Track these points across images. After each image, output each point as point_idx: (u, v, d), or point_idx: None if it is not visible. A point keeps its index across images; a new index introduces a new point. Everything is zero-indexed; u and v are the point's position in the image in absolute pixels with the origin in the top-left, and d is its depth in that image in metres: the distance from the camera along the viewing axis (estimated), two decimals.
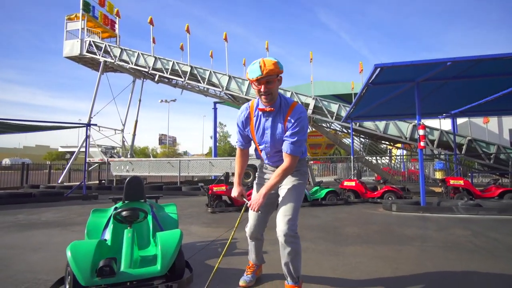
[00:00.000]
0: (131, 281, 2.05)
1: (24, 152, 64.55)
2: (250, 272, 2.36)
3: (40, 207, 7.15)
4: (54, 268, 2.75)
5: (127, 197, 2.93)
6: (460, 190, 7.13)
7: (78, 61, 16.46)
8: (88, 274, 1.93)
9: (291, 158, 1.94)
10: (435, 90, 7.23)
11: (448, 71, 5.53)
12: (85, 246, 2.10)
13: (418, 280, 2.41)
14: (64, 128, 10.09)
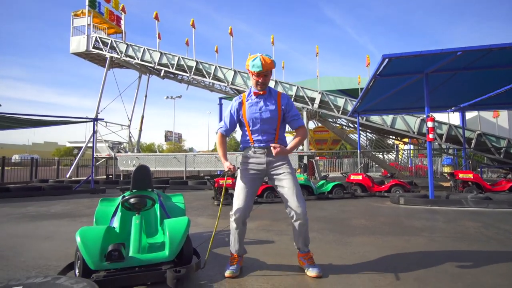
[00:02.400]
0: (139, 266, 2.06)
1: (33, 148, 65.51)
2: (235, 263, 2.34)
3: (49, 200, 7.25)
4: (64, 255, 2.78)
5: (135, 186, 2.94)
6: (469, 184, 7.03)
7: (85, 57, 16.58)
8: (97, 258, 1.95)
9: (304, 127, 2.45)
10: (444, 82, 7.11)
11: (458, 62, 5.42)
12: (94, 231, 2.12)
13: (427, 269, 2.38)
14: (72, 123, 10.18)
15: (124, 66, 16.78)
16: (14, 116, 8.52)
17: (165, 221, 2.39)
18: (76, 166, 15.27)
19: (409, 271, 2.32)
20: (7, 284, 1.36)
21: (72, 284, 1.33)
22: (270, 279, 2.18)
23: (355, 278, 2.18)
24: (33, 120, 9.42)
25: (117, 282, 1.92)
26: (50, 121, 9.80)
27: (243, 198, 2.31)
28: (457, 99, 8.91)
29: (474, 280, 2.15)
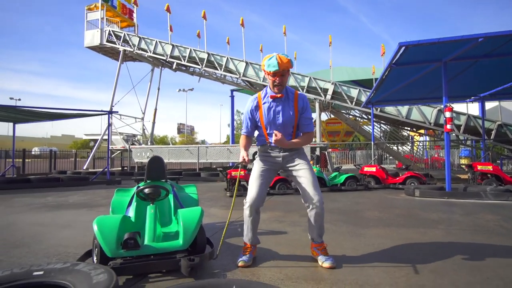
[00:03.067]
0: (154, 254, 2.11)
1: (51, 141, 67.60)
2: (247, 252, 2.34)
3: (68, 191, 7.48)
4: (82, 243, 2.87)
5: (149, 177, 2.99)
6: (488, 176, 6.81)
7: (99, 50, 16.82)
8: (114, 246, 1.99)
9: (312, 134, 2.44)
10: (463, 71, 6.85)
11: (479, 49, 5.20)
12: (111, 220, 2.17)
13: (444, 261, 2.33)
14: (88, 116, 10.41)
15: (137, 59, 16.94)
16: (32, 109, 8.79)
17: (179, 211, 2.43)
18: (92, 158, 15.66)
19: (425, 263, 2.28)
20: (29, 269, 1.41)
21: (90, 270, 1.36)
22: (283, 269, 2.18)
23: (370, 270, 2.16)
24: (51, 113, 9.69)
25: (133, 269, 1.98)
26: (67, 114, 10.06)
27: (256, 187, 2.32)
28: (477, 89, 8.58)
29: (493, 273, 2.09)
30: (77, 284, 1.29)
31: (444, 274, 2.07)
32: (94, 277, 1.31)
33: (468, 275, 2.06)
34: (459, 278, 2.01)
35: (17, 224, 3.80)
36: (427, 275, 2.07)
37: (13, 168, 10.96)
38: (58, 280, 1.34)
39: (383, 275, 2.07)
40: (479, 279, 2.00)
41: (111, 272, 1.35)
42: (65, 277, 1.35)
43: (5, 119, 10.74)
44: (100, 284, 1.24)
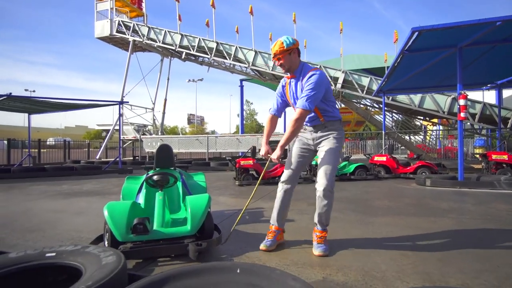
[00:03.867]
0: (163, 239, 2.15)
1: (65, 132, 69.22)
2: (271, 237, 2.36)
3: (82, 179, 7.68)
4: (94, 228, 2.96)
5: (158, 164, 3.04)
6: (503, 166, 6.64)
7: (109, 41, 16.93)
8: (124, 231, 2.05)
9: (299, 111, 2.23)
10: (479, 57, 6.60)
11: (496, 33, 4.98)
12: (120, 206, 2.23)
13: (453, 250, 2.30)
14: (99, 106, 10.58)
15: (146, 49, 17.00)
16: (46, 100, 8.98)
17: (187, 197, 2.47)
18: (105, 148, 15.99)
19: (433, 252, 2.26)
20: (42, 251, 1.46)
21: (100, 253, 1.41)
22: (289, 256, 2.20)
23: (376, 257, 2.15)
24: (64, 104, 9.89)
25: (142, 253, 2.04)
26: (79, 105, 10.25)
27: (291, 169, 2.39)
28: (494, 75, 8.29)
29: (503, 261, 2.06)
30: (87, 265, 1.33)
31: (452, 262, 2.05)
32: (103, 258, 1.35)
33: (477, 263, 2.03)
34: (467, 266, 1.99)
35: (33, 210, 3.94)
36: (435, 263, 2.05)
37: (29, 157, 11.29)
38: (69, 261, 1.39)
39: (389, 262, 2.06)
40: (488, 267, 1.97)
41: (120, 254, 1.39)
42: (76, 258, 1.40)
43: (21, 110, 11.02)
44: (109, 265, 1.28)
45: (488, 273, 1.89)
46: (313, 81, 2.21)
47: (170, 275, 1.17)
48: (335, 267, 1.97)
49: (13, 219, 3.44)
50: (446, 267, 1.98)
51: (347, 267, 1.98)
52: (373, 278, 1.80)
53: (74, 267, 1.37)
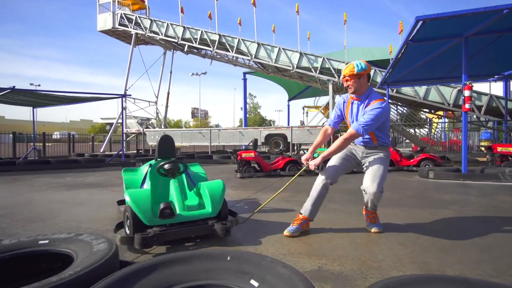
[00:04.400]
0: (187, 221, 2.24)
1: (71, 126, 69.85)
2: (296, 224, 2.47)
3: (85, 172, 7.74)
4: (95, 219, 2.98)
5: (160, 155, 3.04)
6: (509, 158, 6.54)
7: (112, 34, 16.89)
8: (151, 215, 2.11)
9: (352, 132, 2.39)
10: (485, 47, 6.46)
11: (503, 22, 4.85)
12: (142, 192, 2.28)
13: (454, 240, 2.27)
14: (102, 99, 10.60)
15: (149, 42, 16.93)
16: (49, 93, 9.01)
17: (201, 184, 2.56)
18: (109, 141, 16.08)
19: (433, 242, 2.24)
20: (35, 238, 1.46)
21: (92, 240, 1.41)
22: (286, 245, 2.19)
23: (374, 247, 2.13)
24: (67, 97, 9.92)
25: (172, 235, 2.11)
26: (82, 98, 10.27)
27: (334, 164, 2.54)
28: (500, 66, 8.11)
29: (503, 252, 2.02)
30: (78, 252, 1.33)
31: (452, 253, 2.03)
32: (95, 246, 1.35)
33: (477, 254, 2.01)
34: (467, 256, 1.96)
35: (35, 201, 3.98)
36: (434, 253, 2.03)
37: (34, 150, 11.40)
38: (62, 248, 1.39)
39: (387, 252, 2.04)
40: (487, 257, 1.94)
41: (112, 241, 1.39)
42: (69, 246, 1.40)
43: (25, 103, 11.09)
44: (100, 252, 1.27)
45: (487, 263, 1.86)
46: (375, 113, 2.35)
47: (159, 262, 1.16)
48: (331, 257, 1.96)
49: (15, 209, 3.48)
50: (445, 257, 1.95)
51: (344, 256, 1.96)
52: (369, 268, 1.78)
53: (67, 254, 1.37)
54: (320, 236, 2.38)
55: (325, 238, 2.35)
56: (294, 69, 12.87)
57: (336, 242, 2.25)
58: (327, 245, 2.18)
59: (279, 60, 13.02)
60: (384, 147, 2.55)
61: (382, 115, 2.36)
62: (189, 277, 1.13)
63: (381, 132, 2.51)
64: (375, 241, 2.27)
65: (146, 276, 1.09)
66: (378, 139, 2.51)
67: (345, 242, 2.25)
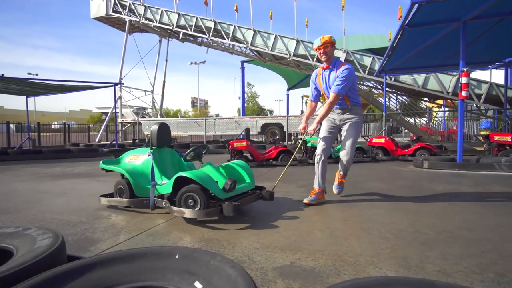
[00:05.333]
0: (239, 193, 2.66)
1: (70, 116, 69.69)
2: (313, 195, 3.03)
3: (77, 162, 7.65)
4: (73, 210, 2.89)
5: (159, 143, 3.02)
6: (506, 147, 6.41)
7: (106, 21, 16.53)
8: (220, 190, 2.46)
9: (333, 95, 2.90)
10: (484, 32, 6.23)
11: (505, 4, 4.63)
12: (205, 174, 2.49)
13: (439, 233, 2.17)
14: (94, 88, 10.42)
15: (144, 30, 16.58)
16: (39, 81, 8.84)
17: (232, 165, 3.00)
18: (105, 131, 15.94)
19: (416, 235, 2.13)
20: None
21: (38, 235, 1.30)
22: (261, 238, 2.09)
23: (353, 241, 2.03)
24: (59, 86, 9.73)
25: (242, 204, 2.49)
26: (74, 86, 10.09)
27: (324, 142, 3.09)
28: (501, 53, 7.88)
29: (490, 247, 1.92)
30: (19, 248, 1.22)
31: (435, 247, 1.92)
32: (38, 241, 1.24)
33: (462, 248, 1.90)
34: (451, 251, 1.86)
35: (16, 191, 3.88)
36: (416, 247, 1.92)
37: (29, 140, 11.29)
38: (4, 244, 1.28)
39: (367, 246, 1.94)
40: (472, 252, 1.84)
41: (58, 235, 1.28)
42: (12, 241, 1.30)
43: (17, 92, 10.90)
44: (40, 248, 1.17)
45: (470, 258, 1.76)
46: (346, 73, 2.85)
47: (97, 261, 1.05)
48: (306, 251, 1.85)
49: None
50: (427, 252, 1.85)
51: (320, 251, 1.86)
52: (344, 263, 1.68)
53: (7, 250, 1.26)
54: (299, 229, 2.28)
55: (305, 230, 2.25)
56: (290, 57, 12.60)
57: (315, 235, 2.15)
58: (305, 238, 2.08)
59: (276, 48, 12.73)
60: (357, 106, 3.05)
61: (351, 74, 2.88)
62: (129, 277, 1.02)
63: (351, 93, 2.99)
64: (356, 234, 2.16)
65: (79, 277, 0.98)
66: (350, 100, 3.01)
67: (324, 235, 2.15)
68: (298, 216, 2.64)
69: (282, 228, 2.30)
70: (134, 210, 2.86)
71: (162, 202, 2.56)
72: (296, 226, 2.36)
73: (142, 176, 2.88)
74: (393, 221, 2.48)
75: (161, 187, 2.68)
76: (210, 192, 2.42)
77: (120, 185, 2.92)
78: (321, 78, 3.04)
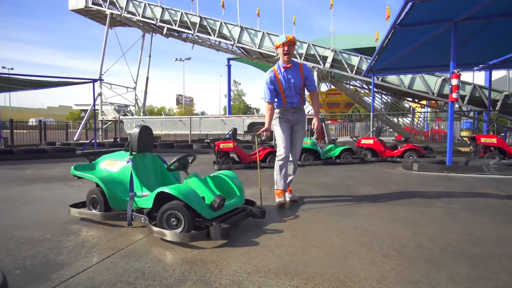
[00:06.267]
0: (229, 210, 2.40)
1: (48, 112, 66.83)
2: (281, 195, 3.13)
3: (51, 163, 7.17)
4: (38, 223, 2.57)
5: (140, 148, 2.68)
6: (491, 149, 6.44)
7: (85, 14, 15.76)
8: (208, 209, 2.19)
9: (316, 91, 3.27)
10: (472, 35, 6.22)
11: (495, 5, 4.58)
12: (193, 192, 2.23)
13: (443, 248, 2.01)
14: (72, 84, 9.85)
15: (126, 24, 15.95)
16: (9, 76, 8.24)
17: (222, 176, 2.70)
18: (84, 128, 15.25)
19: (420, 251, 1.96)
20: None
21: None
22: (253, 259, 1.86)
23: (355, 260, 1.83)
24: (35, 81, 9.14)
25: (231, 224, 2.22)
26: (51, 82, 9.50)
27: (285, 141, 3.10)
28: (486, 56, 7.95)
29: (500, 265, 1.77)
30: None
31: (442, 266, 1.75)
32: None
33: (470, 267, 1.74)
34: (460, 271, 1.69)
35: None
36: (423, 267, 1.75)
37: (0, 139, 10.58)
38: None
39: (370, 267, 1.74)
40: (483, 272, 1.68)
41: None
42: None
43: None
44: None
45: (484, 281, 1.59)
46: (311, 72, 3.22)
47: None
48: (305, 276, 1.64)
49: None
50: (435, 273, 1.67)
51: (319, 275, 1.65)
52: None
53: None
54: (293, 245, 2.07)
55: (299, 247, 2.04)
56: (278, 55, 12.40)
57: (311, 253, 1.94)
58: (301, 258, 1.87)
59: (263, 46, 12.49)
60: (301, 108, 3.24)
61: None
62: None
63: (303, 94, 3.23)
64: (356, 251, 1.97)
65: None
66: (303, 97, 3.21)
67: (321, 253, 1.94)
68: (289, 228, 2.43)
69: (274, 245, 2.08)
70: (109, 224, 2.57)
71: (141, 218, 2.29)
72: (289, 241, 2.14)
73: (119, 186, 2.57)
74: (393, 233, 2.30)
75: (140, 200, 2.40)
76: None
77: (94, 195, 2.62)
78: (281, 77, 3.07)
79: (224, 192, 2.57)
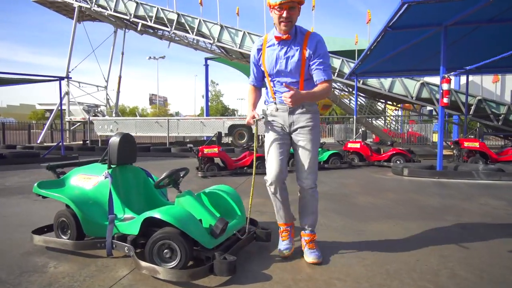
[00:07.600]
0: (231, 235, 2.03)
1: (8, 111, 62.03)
2: (286, 237, 2.09)
3: (10, 170, 6.36)
4: None
5: (120, 160, 2.23)
6: (474, 153, 6.55)
7: (50, 6, 14.58)
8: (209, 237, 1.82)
9: (329, 82, 1.88)
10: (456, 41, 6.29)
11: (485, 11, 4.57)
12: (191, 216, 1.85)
13: (478, 277, 1.78)
14: (35, 82, 8.94)
15: (96, 18, 14.94)
16: None
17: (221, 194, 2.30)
18: (49, 129, 14.06)
19: (457, 281, 1.71)
20: None
21: None
22: None
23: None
24: None
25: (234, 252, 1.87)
26: (11, 80, 8.53)
27: (274, 160, 1.96)
28: (464, 61, 8.15)
29: None
30: None
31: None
32: None
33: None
34: None
35: None
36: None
37: None
38: None
39: None
40: None
41: None
42: None
43: None
44: None
45: None
46: (325, 48, 1.89)
47: None
48: None
49: None
50: None
51: None
52: None
53: None
54: (313, 279, 1.75)
55: (322, 281, 1.72)
56: None
57: (329, 279, 1.63)
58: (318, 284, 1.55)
59: (244, 45, 12.15)
60: (312, 105, 1.98)
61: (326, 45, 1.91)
62: None
63: (308, 81, 1.95)
64: (387, 285, 1.68)
65: None
66: (306, 88, 1.93)
67: (339, 279, 1.64)
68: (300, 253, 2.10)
69: (290, 279, 1.74)
70: (84, 254, 2.11)
71: (124, 247, 1.87)
72: (306, 273, 1.82)
73: (95, 207, 2.12)
74: (417, 257, 2.06)
75: (122, 224, 1.97)
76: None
77: (64, 218, 2.15)
78: (268, 54, 1.94)
79: (222, 212, 2.23)
